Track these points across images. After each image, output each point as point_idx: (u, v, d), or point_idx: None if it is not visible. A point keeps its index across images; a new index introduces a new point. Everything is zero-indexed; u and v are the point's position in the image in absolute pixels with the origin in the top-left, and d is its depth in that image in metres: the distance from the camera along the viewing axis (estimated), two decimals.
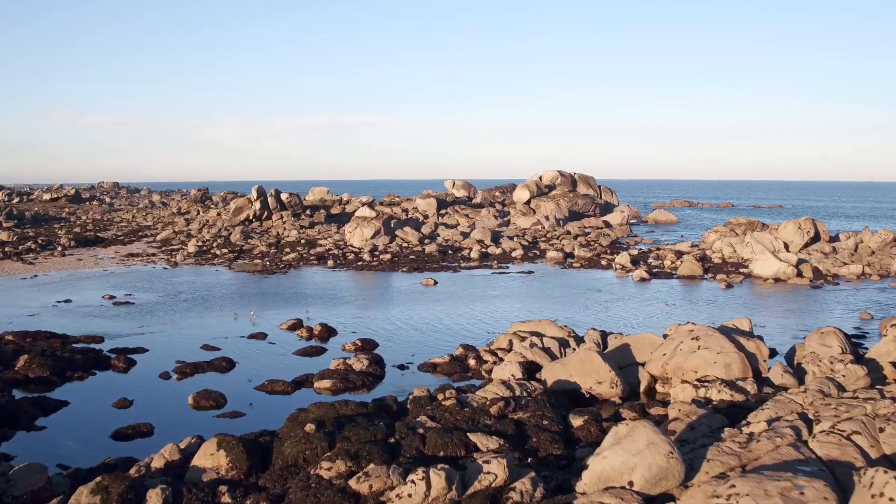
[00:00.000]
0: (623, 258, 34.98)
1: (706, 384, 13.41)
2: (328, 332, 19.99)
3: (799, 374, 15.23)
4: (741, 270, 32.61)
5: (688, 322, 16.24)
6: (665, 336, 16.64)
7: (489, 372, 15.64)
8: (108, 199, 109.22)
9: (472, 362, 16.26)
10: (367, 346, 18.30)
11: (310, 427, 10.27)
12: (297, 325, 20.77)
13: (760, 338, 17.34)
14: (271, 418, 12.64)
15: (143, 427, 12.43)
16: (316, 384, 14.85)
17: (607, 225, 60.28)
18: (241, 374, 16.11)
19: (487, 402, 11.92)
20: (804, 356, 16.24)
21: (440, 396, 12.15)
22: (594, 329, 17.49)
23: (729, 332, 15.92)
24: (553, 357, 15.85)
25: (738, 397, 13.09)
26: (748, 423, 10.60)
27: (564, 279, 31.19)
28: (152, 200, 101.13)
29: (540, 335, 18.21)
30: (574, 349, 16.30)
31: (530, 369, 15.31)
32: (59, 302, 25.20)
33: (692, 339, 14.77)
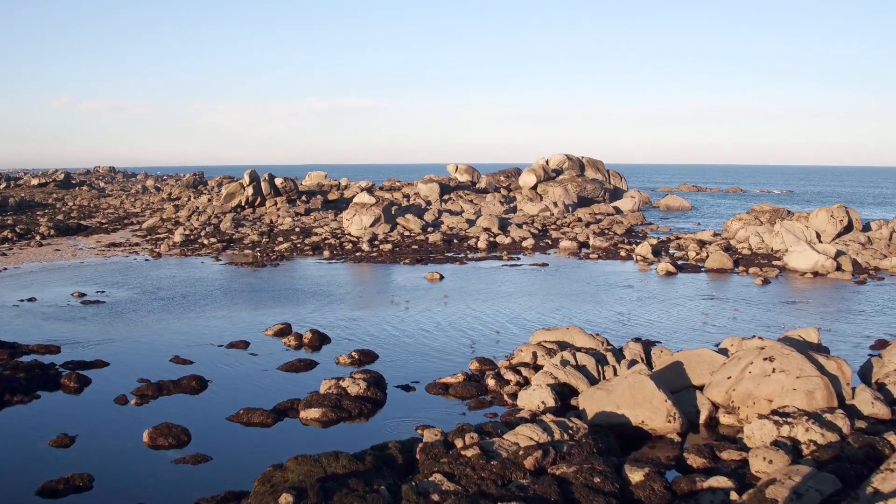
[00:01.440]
0: (644, 249, 32.22)
1: (789, 419, 10.69)
2: (320, 339, 17.27)
3: (886, 397, 12.58)
4: (774, 263, 29.87)
5: (754, 336, 13.48)
6: (720, 350, 13.95)
7: (513, 396, 12.93)
8: (102, 184, 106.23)
9: (490, 382, 13.55)
10: (365, 358, 15.60)
11: (286, 499, 7.58)
12: (284, 331, 18.05)
13: (827, 350, 14.69)
14: (243, 466, 9.97)
15: (79, 480, 9.71)
16: (302, 414, 12.15)
17: (618, 211, 57.54)
18: (213, 397, 13.40)
19: (520, 452, 9.21)
20: (886, 375, 13.56)
21: (458, 443, 9.44)
22: (636, 340, 14.75)
23: (800, 348, 13.24)
24: (590, 378, 13.14)
25: (831, 437, 10.39)
26: (877, 493, 7.91)
27: (582, 272, 28.45)
28: (145, 185, 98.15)
29: (569, 346, 15.53)
30: (613, 366, 13.60)
31: (562, 393, 12.62)
32: (22, 301, 22.49)
33: (764, 359, 12.04)
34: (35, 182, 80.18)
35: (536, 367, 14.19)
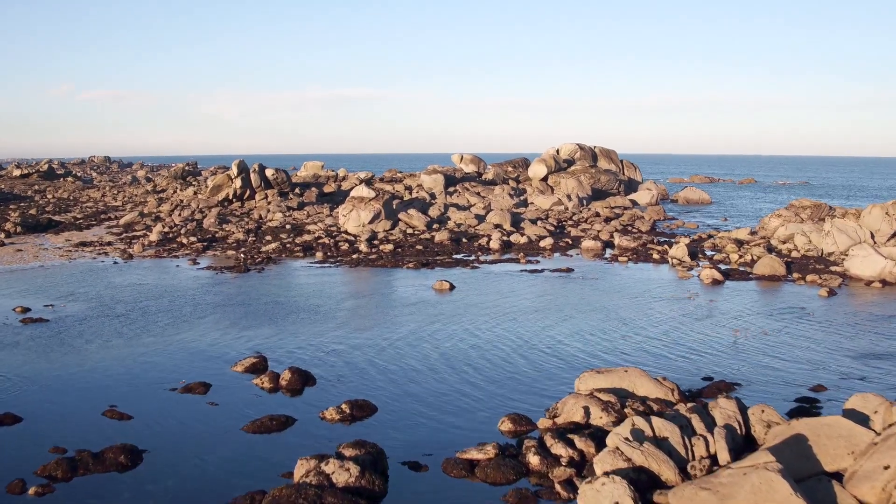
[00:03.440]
0: (679, 251, 28.39)
1: None
2: (302, 380, 13.45)
3: None
4: (832, 269, 26.02)
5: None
6: (847, 412, 10.12)
7: (567, 484, 9.14)
8: (94, 175, 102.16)
9: (533, 460, 9.74)
10: (359, 412, 11.80)
11: None
12: (258, 368, 14.26)
13: None
14: None
15: None
16: None
17: (635, 204, 53.73)
18: (145, 483, 9.58)
19: None
20: None
21: None
22: (725, 395, 10.90)
23: None
24: (676, 458, 9.33)
25: None
26: None
27: (614, 280, 24.59)
28: (136, 176, 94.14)
29: (629, 396, 11.75)
30: (704, 437, 9.78)
31: (639, 481, 8.82)
32: None
33: None
34: (17, 173, 76.24)
35: (593, 433, 10.40)
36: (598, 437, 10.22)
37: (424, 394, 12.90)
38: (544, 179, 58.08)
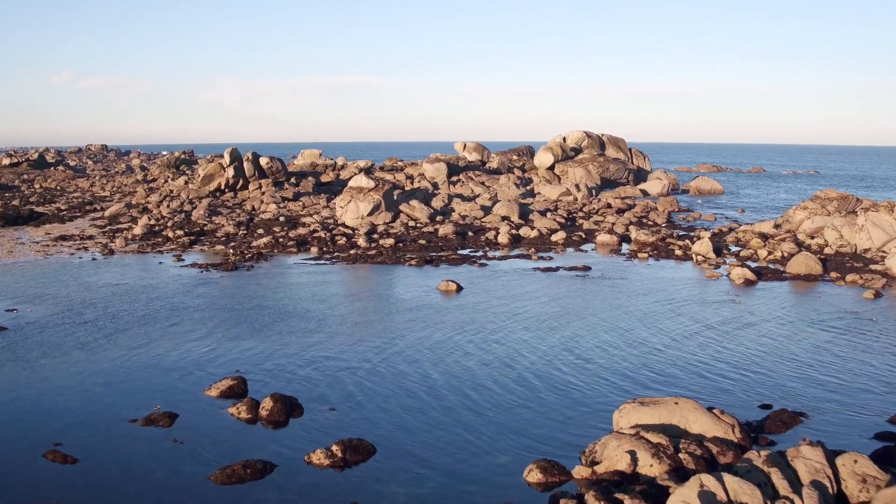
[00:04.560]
0: (704, 247, 26.27)
1: None
2: (286, 409, 11.36)
3: None
4: (872, 268, 23.89)
5: None
6: None
7: None
8: (90, 163, 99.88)
9: None
10: (353, 456, 9.72)
11: None
12: (235, 392, 12.18)
13: None
14: None
15: None
16: None
17: (645, 195, 51.61)
18: None
19: None
20: None
21: None
22: (808, 441, 8.79)
23: None
24: None
25: None
26: None
27: (637, 280, 22.45)
28: (130, 165, 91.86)
29: (682, 435, 9.69)
30: (789, 500, 7.70)
31: None
32: None
33: None
34: (7, 162, 73.97)
35: (646, 491, 8.32)
36: (654, 497, 8.16)
37: (431, 429, 10.80)
38: (551, 168, 55.97)
